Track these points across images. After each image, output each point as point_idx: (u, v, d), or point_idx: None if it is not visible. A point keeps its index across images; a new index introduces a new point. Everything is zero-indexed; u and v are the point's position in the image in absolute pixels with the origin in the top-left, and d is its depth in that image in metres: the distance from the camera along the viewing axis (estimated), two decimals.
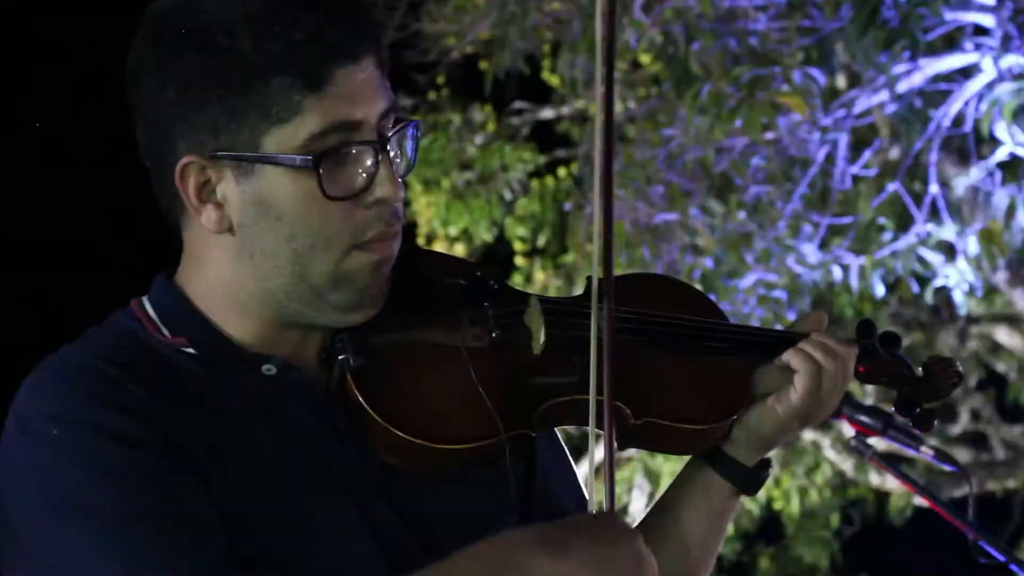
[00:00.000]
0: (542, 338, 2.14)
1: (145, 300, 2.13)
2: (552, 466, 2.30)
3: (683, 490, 2.35)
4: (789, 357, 2.28)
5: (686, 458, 2.38)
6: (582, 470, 2.31)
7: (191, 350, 2.07)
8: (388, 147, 2.04)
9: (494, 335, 2.13)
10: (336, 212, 2.01)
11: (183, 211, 2.06)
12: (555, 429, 2.30)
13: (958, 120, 7.38)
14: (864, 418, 3.05)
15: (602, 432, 1.97)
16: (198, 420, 2.00)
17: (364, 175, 2.02)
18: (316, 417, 2.07)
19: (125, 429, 1.95)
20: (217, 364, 2.07)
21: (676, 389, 2.24)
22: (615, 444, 2.00)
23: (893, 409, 2.46)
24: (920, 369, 2.44)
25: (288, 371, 2.08)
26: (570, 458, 2.37)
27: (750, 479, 2.32)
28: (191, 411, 2.01)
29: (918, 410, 2.42)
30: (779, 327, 7.39)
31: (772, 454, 2.39)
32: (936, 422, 2.44)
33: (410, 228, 12.57)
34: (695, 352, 2.28)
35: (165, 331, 2.08)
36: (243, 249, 2.04)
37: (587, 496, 2.22)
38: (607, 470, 1.95)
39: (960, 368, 2.45)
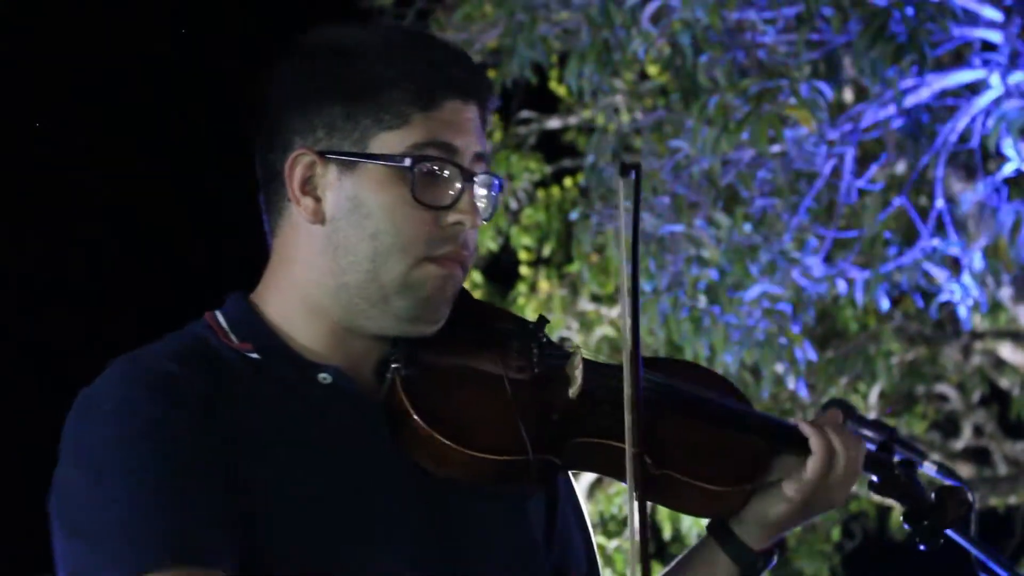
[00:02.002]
0: (579, 383, 2.33)
1: (218, 312, 2.32)
2: (566, 503, 2.45)
3: (690, 565, 2.48)
4: (808, 433, 2.41)
5: None
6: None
7: (255, 355, 2.25)
8: (476, 180, 2.26)
9: (536, 372, 2.33)
10: (418, 219, 2.21)
11: (281, 211, 2.29)
12: (571, 482, 2.50)
13: (965, 136, 7.38)
14: (868, 432, 3.05)
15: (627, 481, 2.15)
16: (249, 419, 2.17)
17: (450, 194, 2.23)
18: (362, 424, 2.23)
19: (165, 422, 2.12)
20: (276, 369, 2.24)
21: (696, 451, 2.38)
22: (636, 490, 2.16)
23: (901, 518, 2.62)
24: (932, 495, 2.60)
25: (342, 380, 2.25)
26: (579, 499, 2.52)
27: (752, 563, 2.44)
28: (243, 410, 2.17)
29: (925, 523, 2.59)
30: (783, 341, 7.41)
31: None
32: (941, 541, 2.60)
33: None
34: (717, 424, 2.43)
35: (233, 337, 2.27)
36: (328, 243, 2.24)
37: (592, 539, 2.50)
38: (632, 514, 2.12)
39: (971, 498, 2.61)
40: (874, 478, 2.58)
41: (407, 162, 2.20)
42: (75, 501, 2.10)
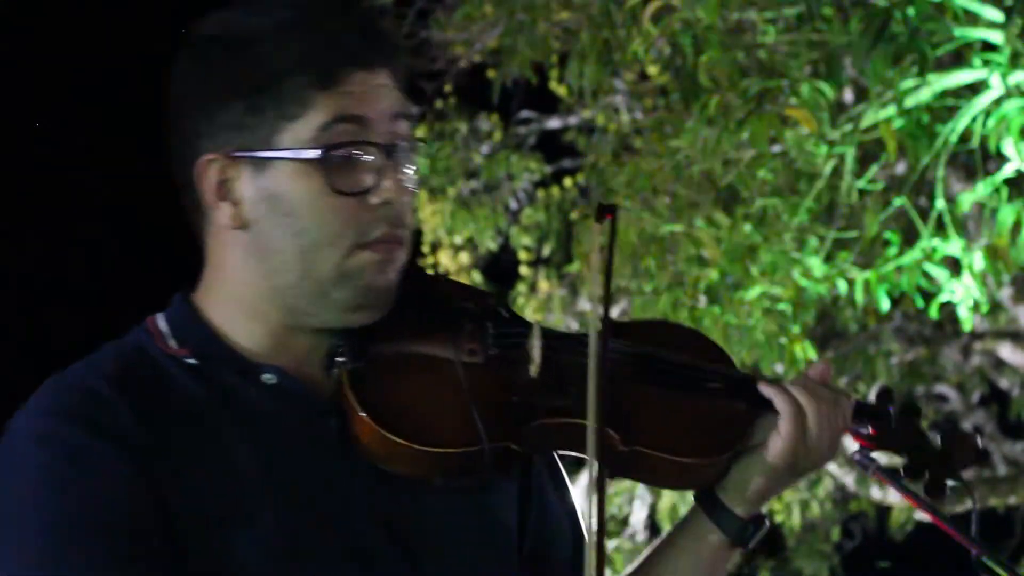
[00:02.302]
0: (538, 361, 2.22)
1: (160, 315, 2.23)
2: (549, 487, 2.36)
3: (679, 536, 2.39)
4: (770, 394, 2.31)
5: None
6: (578, 488, 2.36)
7: (192, 360, 2.16)
8: (398, 153, 2.14)
9: (491, 353, 2.21)
10: (342, 209, 2.10)
11: (202, 216, 2.18)
12: (556, 456, 2.39)
13: (965, 136, 7.37)
14: (862, 429, 3.05)
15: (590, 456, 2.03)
16: (185, 432, 2.08)
17: (372, 175, 2.11)
18: (310, 426, 2.15)
19: (85, 452, 2.03)
20: (216, 374, 2.15)
21: (667, 422, 2.28)
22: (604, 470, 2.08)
23: (902, 473, 2.45)
24: (938, 441, 2.45)
25: (287, 380, 2.15)
26: (568, 483, 2.43)
27: (741, 530, 2.34)
28: (179, 423, 2.09)
29: (927, 474, 2.43)
30: (783, 341, 7.40)
31: None
32: (947, 493, 2.44)
33: (415, 236, 12.57)
34: (691, 391, 2.32)
35: (172, 342, 2.18)
36: (254, 246, 2.13)
37: (580, 516, 2.39)
38: (596, 491, 1.97)
39: (980, 445, 2.46)
40: (869, 430, 2.42)
41: (317, 154, 2.09)
42: None
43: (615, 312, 11.58)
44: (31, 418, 2.07)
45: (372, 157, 2.12)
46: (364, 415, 2.11)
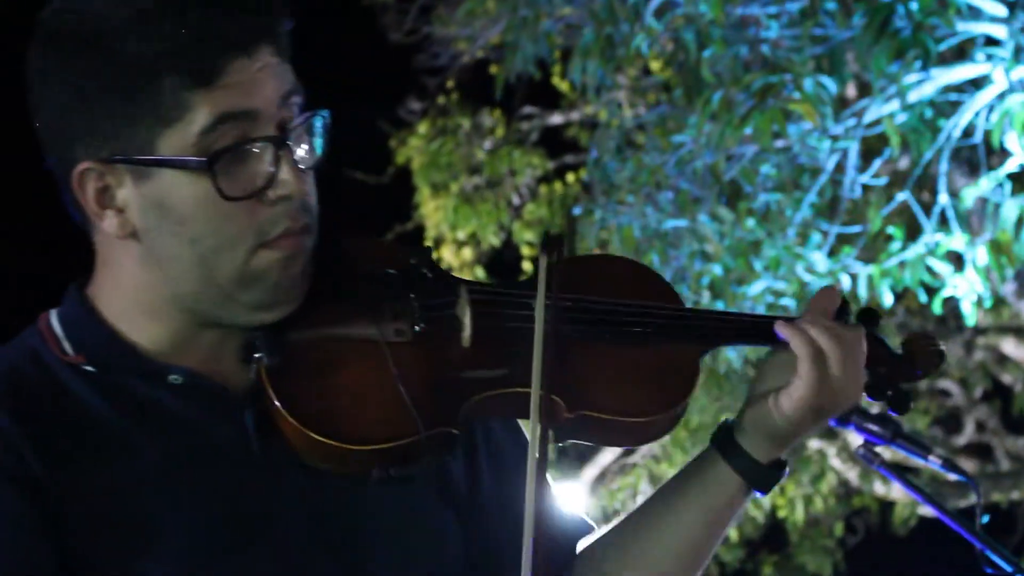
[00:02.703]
0: (470, 330, 2.06)
1: (53, 314, 2.07)
2: (511, 467, 2.21)
3: (690, 483, 2.23)
4: (788, 336, 2.17)
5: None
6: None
7: (91, 368, 2.01)
8: (290, 140, 1.97)
9: (418, 329, 2.04)
10: (237, 212, 1.94)
11: (89, 221, 2.01)
12: (515, 425, 2.25)
13: (968, 131, 7.37)
14: (872, 426, 3.05)
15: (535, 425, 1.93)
16: (86, 448, 1.95)
17: (264, 171, 1.95)
18: (225, 425, 2.01)
19: None
20: (117, 380, 2.00)
21: (613, 380, 2.13)
22: (549, 437, 1.96)
23: (864, 392, 2.27)
24: (900, 347, 2.32)
25: (195, 378, 2.01)
26: (522, 431, 2.27)
27: (763, 476, 2.20)
28: (78, 439, 1.95)
29: (890, 392, 2.29)
30: None
31: None
32: (912, 404, 2.31)
33: (418, 231, 12.59)
34: (636, 339, 2.16)
35: (67, 347, 2.03)
36: (148, 255, 1.98)
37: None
38: (536, 462, 1.89)
39: (942, 347, 2.32)
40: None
41: (202, 162, 1.91)
42: None
43: None
44: None
45: (265, 152, 1.95)
46: (289, 417, 1.96)
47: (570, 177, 11.83)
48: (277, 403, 1.96)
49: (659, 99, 9.46)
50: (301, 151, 1.99)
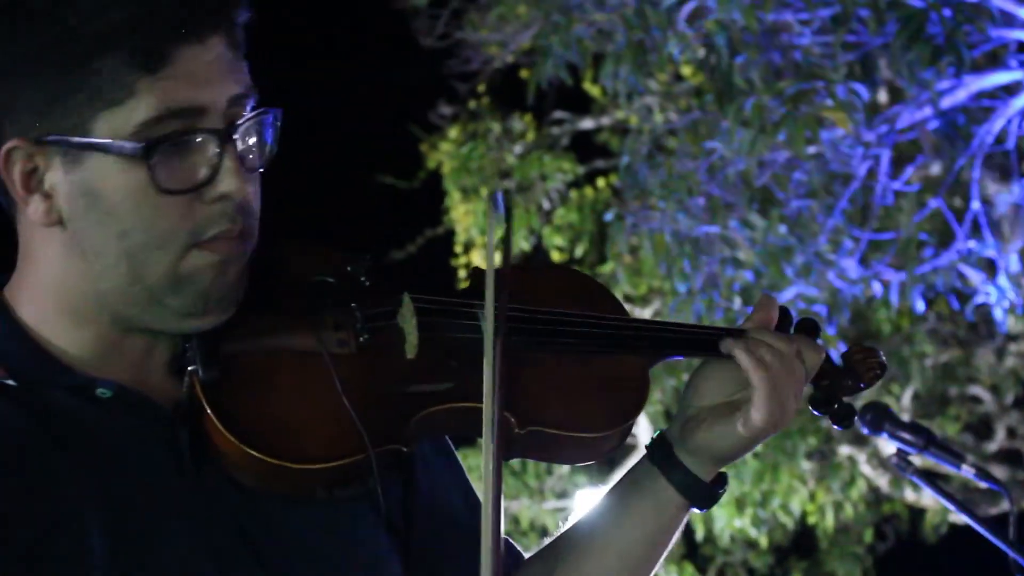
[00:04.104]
0: (415, 340, 1.95)
1: None
2: (440, 471, 2.12)
3: (628, 498, 2.12)
4: (737, 354, 2.06)
5: None
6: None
7: (10, 381, 1.84)
8: (236, 136, 1.82)
9: (362, 340, 1.92)
10: (172, 207, 1.80)
11: (13, 203, 1.86)
12: (445, 442, 2.15)
13: (1001, 137, 7.36)
14: (905, 435, 3.05)
15: (487, 441, 1.79)
16: (7, 468, 1.78)
17: (205, 167, 1.81)
18: (156, 439, 1.86)
19: None
20: (40, 396, 1.83)
21: (563, 394, 2.03)
22: (500, 454, 1.83)
23: (809, 406, 2.24)
24: (840, 360, 2.25)
25: (124, 393, 1.85)
26: (458, 458, 2.18)
27: (704, 493, 2.10)
28: (9, 466, 1.78)
29: (836, 405, 2.21)
30: (819, 342, 7.41)
31: (807, 468, 2.23)
32: (855, 418, 2.25)
33: (448, 236, 12.61)
34: (584, 351, 2.07)
35: None
36: (74, 245, 1.83)
37: (479, 497, 2.04)
38: (492, 481, 1.76)
39: (883, 359, 2.27)
40: None
41: (138, 148, 1.77)
42: None
43: (648, 313, 11.57)
44: None
45: (208, 146, 1.81)
46: (228, 435, 1.81)
47: (600, 182, 11.82)
48: (214, 419, 1.82)
49: (691, 105, 9.45)
50: (248, 149, 1.84)
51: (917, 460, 3.14)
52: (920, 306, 7.30)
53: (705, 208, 7.93)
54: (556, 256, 11.99)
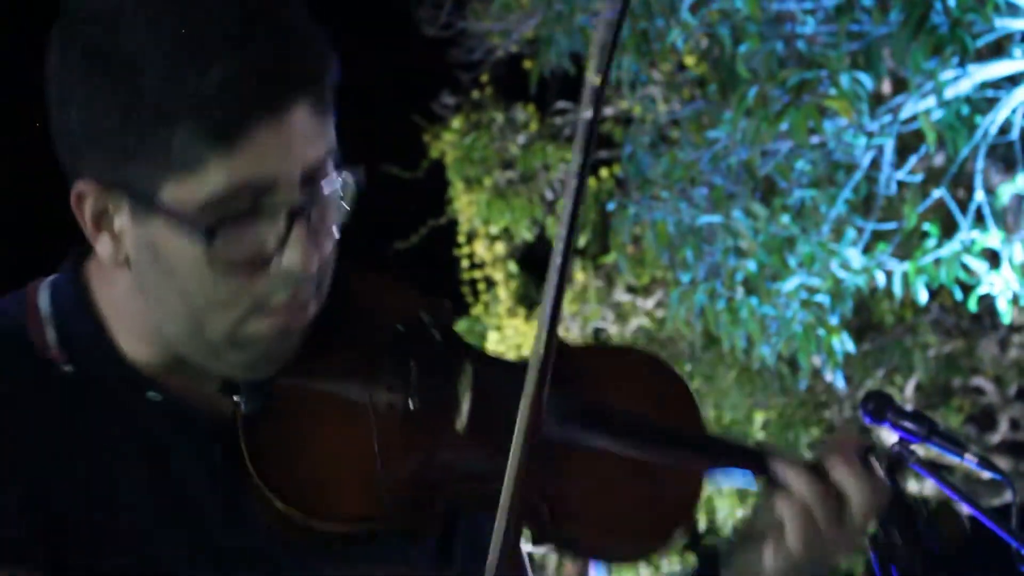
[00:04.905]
0: (466, 416, 1.86)
1: (43, 291, 1.92)
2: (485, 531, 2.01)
3: None
4: (780, 474, 1.99)
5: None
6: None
7: (68, 367, 1.86)
8: (309, 209, 1.77)
9: (411, 405, 1.85)
10: (235, 276, 1.77)
11: (86, 236, 1.84)
12: None
13: (1005, 128, 7.34)
14: (908, 424, 3.04)
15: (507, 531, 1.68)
16: (52, 454, 1.82)
17: (273, 239, 1.77)
18: (195, 453, 1.87)
19: None
20: (96, 386, 1.86)
21: (616, 497, 1.93)
22: (531, 540, 1.79)
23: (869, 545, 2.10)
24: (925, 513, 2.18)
25: (173, 401, 1.87)
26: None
27: None
28: (48, 443, 1.82)
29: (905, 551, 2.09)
30: (821, 332, 7.39)
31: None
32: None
33: (451, 226, 12.60)
34: (645, 461, 1.95)
35: (50, 337, 1.88)
36: (140, 287, 1.83)
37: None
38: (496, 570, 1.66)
39: (967, 527, 2.16)
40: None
41: (200, 230, 1.73)
42: None
43: (651, 303, 11.55)
44: None
45: (276, 220, 1.76)
46: (255, 475, 1.79)
47: (604, 172, 11.81)
48: (247, 458, 1.80)
49: (694, 94, 9.44)
50: (320, 217, 1.80)
51: (920, 450, 3.12)
52: (923, 296, 7.28)
53: (708, 198, 7.92)
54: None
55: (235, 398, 1.82)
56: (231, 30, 1.71)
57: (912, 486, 11.62)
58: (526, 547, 1.80)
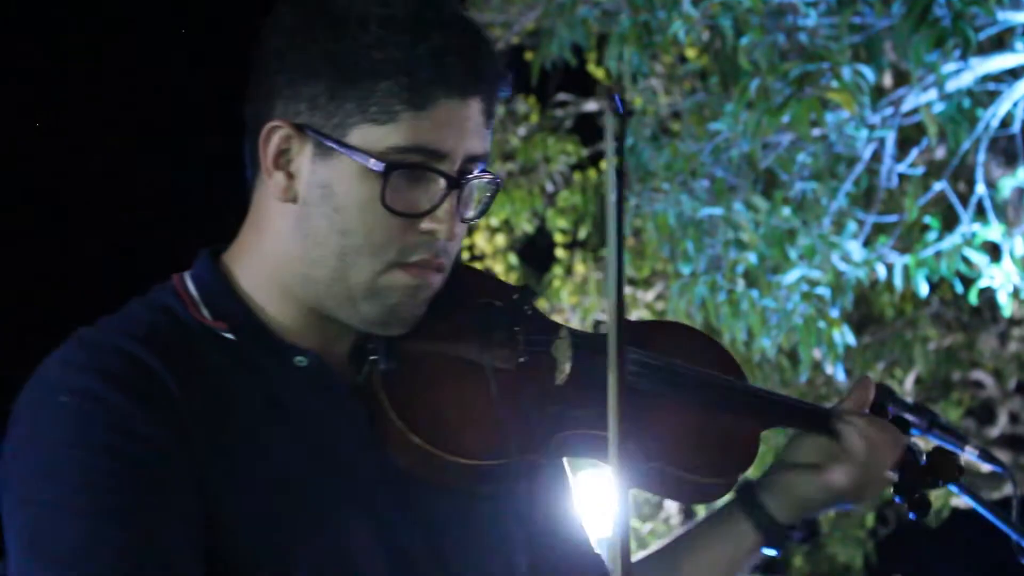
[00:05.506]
0: (567, 369, 2.22)
1: (187, 277, 2.15)
2: (556, 493, 2.33)
3: (713, 529, 2.44)
4: (844, 434, 2.41)
5: None
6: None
7: (229, 335, 2.10)
8: (463, 187, 2.09)
9: (521, 359, 2.20)
10: (390, 224, 2.05)
11: (257, 172, 2.11)
12: (563, 466, 2.36)
13: (1006, 121, 7.34)
14: (909, 416, 3.04)
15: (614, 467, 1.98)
16: (218, 410, 2.02)
17: (428, 202, 2.06)
18: (339, 412, 2.11)
19: (130, 419, 1.94)
20: (252, 352, 2.09)
21: (686, 439, 2.30)
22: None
23: (892, 491, 2.57)
24: (924, 457, 2.58)
25: (318, 364, 2.11)
26: (571, 488, 2.38)
27: (778, 533, 2.41)
28: (213, 399, 2.02)
29: (916, 495, 2.56)
30: (822, 325, 7.39)
31: None
32: (930, 511, 2.59)
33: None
34: (717, 407, 2.35)
35: (205, 312, 2.11)
36: (300, 225, 2.07)
37: (587, 527, 2.36)
38: (620, 507, 1.90)
39: (962, 464, 2.61)
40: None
41: (380, 166, 2.02)
42: (26, 504, 1.93)
43: (651, 296, 11.56)
44: (69, 373, 1.97)
45: (436, 185, 2.06)
46: (396, 419, 2.08)
47: (604, 164, 11.80)
48: (388, 406, 2.08)
49: (695, 87, 9.43)
50: (467, 200, 2.10)
51: (920, 443, 3.13)
52: (924, 289, 7.28)
53: (709, 190, 7.92)
54: (559, 238, 11.98)
55: (371, 358, 2.11)
56: (443, 17, 2.05)
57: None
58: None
